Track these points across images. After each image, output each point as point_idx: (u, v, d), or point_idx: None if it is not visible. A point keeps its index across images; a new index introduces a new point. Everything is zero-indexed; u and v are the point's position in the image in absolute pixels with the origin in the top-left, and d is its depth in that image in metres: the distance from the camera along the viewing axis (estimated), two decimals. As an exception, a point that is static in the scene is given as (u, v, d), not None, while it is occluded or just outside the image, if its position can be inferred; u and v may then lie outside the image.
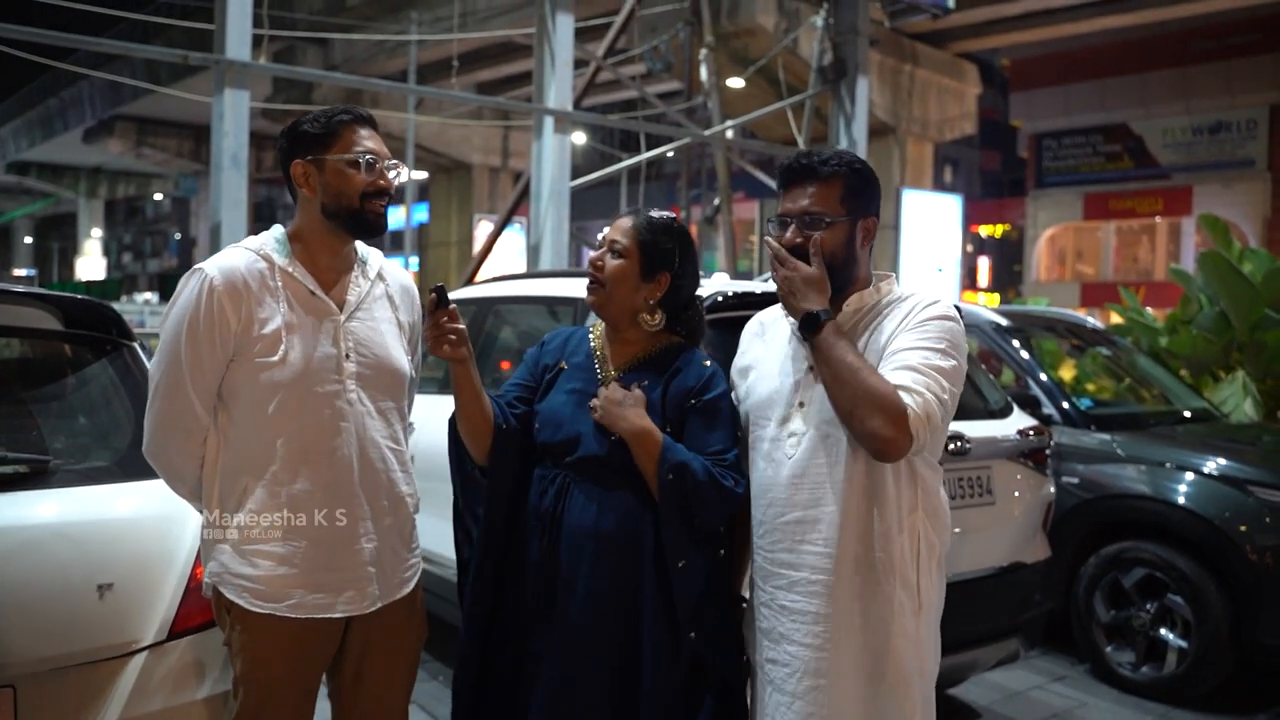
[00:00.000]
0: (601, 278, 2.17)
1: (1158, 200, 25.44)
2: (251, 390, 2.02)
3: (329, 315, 2.09)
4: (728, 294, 3.42)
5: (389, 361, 2.16)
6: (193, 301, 2.00)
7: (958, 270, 18.29)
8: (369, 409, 2.11)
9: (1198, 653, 4.22)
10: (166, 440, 2.07)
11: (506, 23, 16.84)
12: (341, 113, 2.09)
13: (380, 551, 2.12)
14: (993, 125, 32.58)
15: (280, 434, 2.02)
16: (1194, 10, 19.36)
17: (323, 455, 2.04)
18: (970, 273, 29.49)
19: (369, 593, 2.09)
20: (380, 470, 2.12)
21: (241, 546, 2.03)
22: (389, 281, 2.24)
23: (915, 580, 1.96)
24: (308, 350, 2.04)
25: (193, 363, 2.00)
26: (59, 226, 57.28)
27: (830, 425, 1.94)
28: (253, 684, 2.04)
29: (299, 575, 2.03)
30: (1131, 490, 4.57)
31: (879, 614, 1.94)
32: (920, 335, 1.89)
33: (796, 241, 1.96)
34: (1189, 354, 7.49)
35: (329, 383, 2.05)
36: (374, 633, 2.14)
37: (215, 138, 8.17)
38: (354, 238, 2.13)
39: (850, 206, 1.97)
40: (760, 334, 2.18)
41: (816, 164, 1.97)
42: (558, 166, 10.01)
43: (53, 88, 32.66)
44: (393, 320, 2.21)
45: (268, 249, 2.08)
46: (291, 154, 2.08)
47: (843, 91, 12.71)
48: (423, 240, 27.39)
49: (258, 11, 8.81)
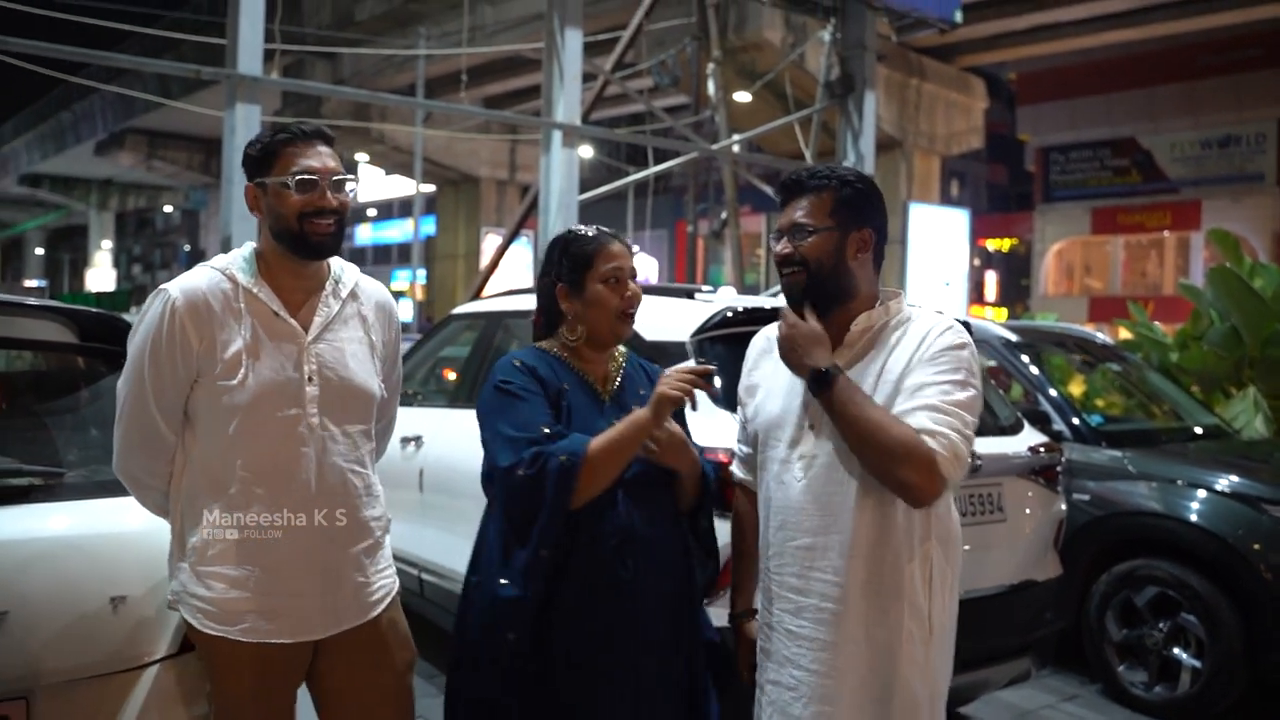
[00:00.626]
0: (635, 310, 2.18)
1: (1166, 214, 25.43)
2: (212, 412, 2.02)
3: (292, 338, 2.05)
4: (737, 310, 3.42)
5: (356, 384, 2.11)
6: (156, 321, 1.99)
7: (965, 285, 18.24)
8: (332, 433, 2.07)
9: (1211, 672, 4.19)
10: (132, 457, 2.08)
11: (514, 37, 16.94)
12: (281, 131, 2.05)
13: (340, 576, 2.08)
14: (1000, 139, 32.60)
15: (239, 456, 2.01)
16: (1201, 25, 19.43)
17: (280, 479, 2.02)
18: (977, 287, 29.50)
19: (318, 621, 2.06)
20: (339, 495, 2.08)
21: (197, 567, 2.02)
22: (362, 300, 2.19)
23: (926, 608, 1.95)
24: (268, 373, 2.01)
25: (155, 382, 2.00)
26: (70, 238, 57.64)
27: (841, 455, 1.92)
28: (222, 703, 2.07)
29: (251, 598, 2.00)
30: (1143, 507, 4.54)
31: (887, 641, 1.92)
32: (936, 369, 1.88)
33: (785, 252, 1.98)
34: (1200, 370, 7.46)
35: (290, 406, 2.02)
36: (351, 653, 2.12)
37: (226, 152, 8.21)
38: (301, 258, 2.06)
39: (841, 218, 1.97)
40: (768, 350, 2.15)
41: (805, 178, 2.01)
42: (566, 180, 10.03)
43: (65, 101, 32.93)
44: (364, 340, 2.16)
45: (233, 269, 2.06)
46: (248, 179, 2.08)
47: (850, 106, 12.72)
48: (430, 253, 27.50)
49: (268, 26, 8.86)
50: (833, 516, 1.93)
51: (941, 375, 1.87)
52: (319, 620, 2.06)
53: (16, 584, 2.11)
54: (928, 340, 1.92)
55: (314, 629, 2.06)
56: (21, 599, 2.10)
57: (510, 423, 2.06)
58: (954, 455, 1.82)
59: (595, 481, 2.00)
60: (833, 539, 1.93)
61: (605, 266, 2.13)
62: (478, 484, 4.01)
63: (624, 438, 2.01)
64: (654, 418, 2.01)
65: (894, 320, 1.99)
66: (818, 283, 1.97)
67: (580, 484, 1.98)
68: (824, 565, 1.93)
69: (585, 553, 2.05)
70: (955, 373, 1.88)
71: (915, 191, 19.31)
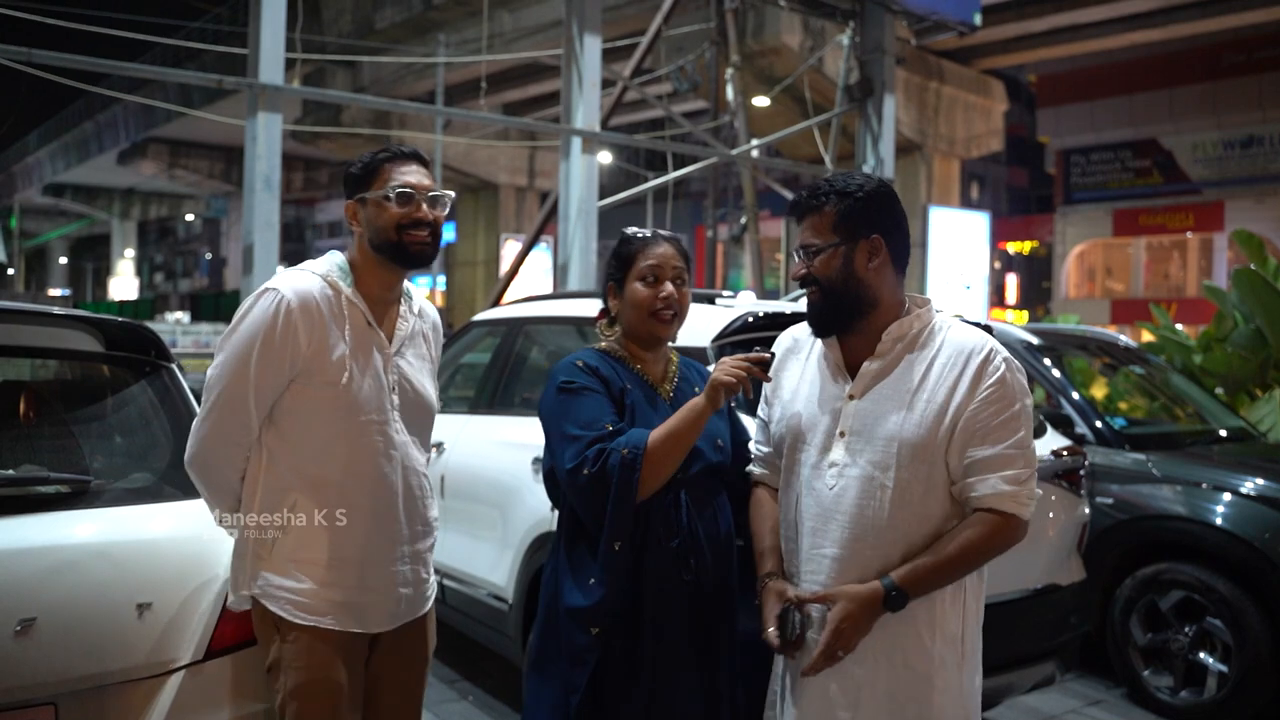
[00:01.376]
0: (679, 309, 2.23)
1: (1188, 216, 25.24)
2: (310, 412, 2.10)
3: (381, 347, 2.18)
4: (758, 314, 3.42)
5: (425, 397, 2.27)
6: (267, 319, 2.06)
7: (985, 287, 18.19)
8: (408, 440, 2.21)
9: (1238, 677, 4.14)
10: (216, 451, 2.12)
11: (533, 44, 17.01)
12: (382, 151, 2.21)
13: (414, 573, 2.23)
14: (1020, 141, 32.46)
15: (335, 456, 2.11)
16: (1223, 24, 19.27)
17: (372, 480, 2.14)
18: (998, 290, 29.35)
19: (399, 612, 2.20)
20: (418, 497, 2.23)
21: (288, 561, 2.10)
22: (425, 319, 2.35)
23: (959, 633, 1.95)
24: (365, 379, 2.13)
25: (260, 377, 2.06)
26: (93, 247, 58.25)
27: (875, 468, 1.92)
28: (306, 697, 2.07)
29: (341, 591, 2.10)
30: (1168, 511, 4.50)
31: (921, 668, 1.91)
32: (992, 413, 1.90)
33: (801, 273, 2.02)
34: (1224, 372, 7.39)
35: (381, 411, 2.15)
36: (393, 647, 2.23)
37: (248, 160, 8.28)
38: (400, 268, 2.21)
39: (844, 231, 1.97)
40: (795, 350, 2.16)
41: (805, 199, 2.03)
42: (585, 186, 10.05)
43: (88, 112, 33.28)
44: (427, 356, 2.33)
45: (334, 276, 2.16)
46: (347, 196, 2.22)
47: (869, 110, 12.70)
48: (449, 259, 27.59)
49: (289, 36, 8.92)
50: (864, 529, 1.92)
51: (1000, 417, 1.90)
52: (391, 613, 2.19)
53: (45, 591, 2.14)
54: (969, 370, 1.92)
55: (387, 620, 2.18)
56: (49, 606, 2.12)
57: (574, 421, 2.12)
58: (1029, 498, 1.90)
59: (658, 472, 2.06)
60: (863, 553, 1.92)
61: (643, 265, 2.23)
62: (498, 490, 4.05)
63: (683, 426, 2.07)
64: (710, 404, 2.05)
65: (925, 328, 1.99)
66: (832, 298, 1.99)
67: (644, 475, 2.04)
68: (853, 578, 1.92)
69: (653, 552, 2.11)
70: (1011, 406, 1.91)
71: (935, 195, 19.23)
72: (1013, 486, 1.88)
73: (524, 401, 4.42)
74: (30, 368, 3.13)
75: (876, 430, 1.93)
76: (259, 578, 2.11)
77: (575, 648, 2.09)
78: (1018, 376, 1.94)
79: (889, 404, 1.94)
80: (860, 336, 2.00)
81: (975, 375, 1.91)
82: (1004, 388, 1.91)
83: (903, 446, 1.90)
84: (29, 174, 42.48)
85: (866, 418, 1.95)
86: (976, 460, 1.89)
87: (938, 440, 1.90)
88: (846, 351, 2.03)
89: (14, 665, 2.06)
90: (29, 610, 2.09)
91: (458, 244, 27.20)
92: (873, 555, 1.91)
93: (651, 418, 2.16)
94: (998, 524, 1.89)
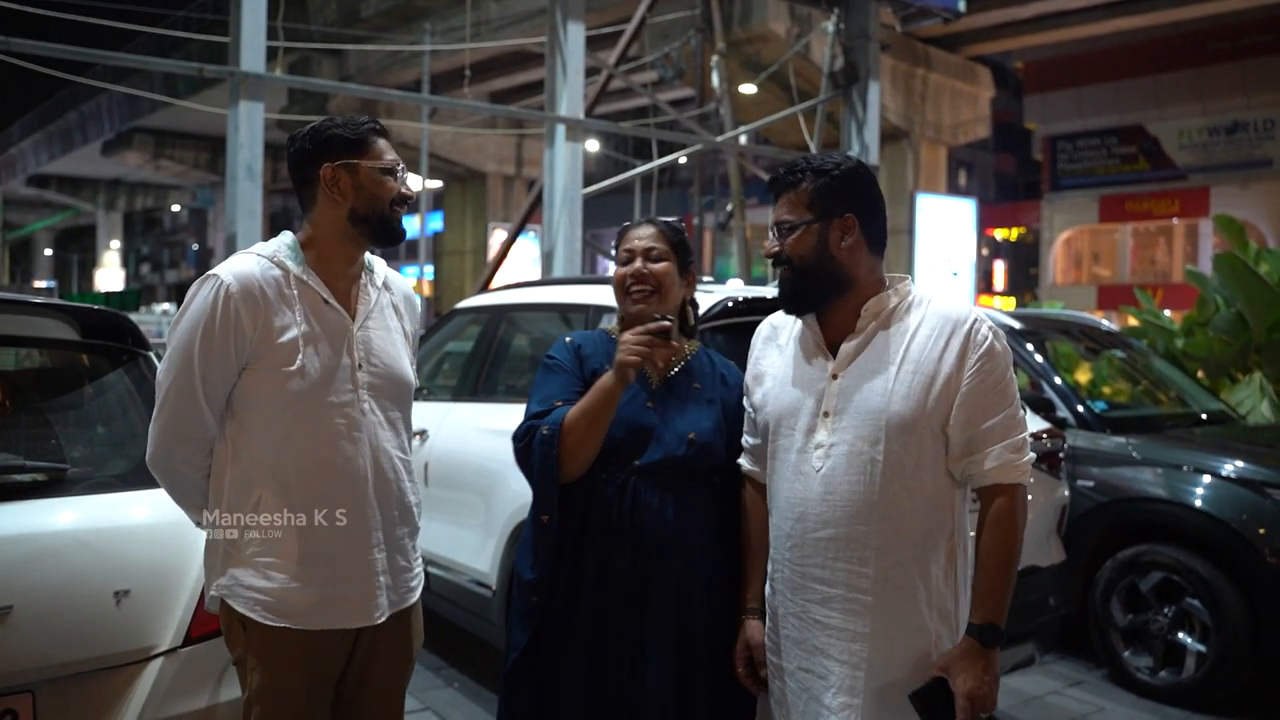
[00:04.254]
0: (653, 283, 2.23)
1: (1174, 202, 25.30)
2: (266, 400, 1.99)
3: (340, 325, 2.06)
4: (738, 299, 3.43)
5: (398, 371, 2.15)
6: (207, 308, 1.95)
7: (973, 274, 18.22)
8: (380, 419, 2.09)
9: (1216, 657, 4.18)
10: (173, 450, 2.01)
11: (519, 32, 16.93)
12: (368, 122, 2.10)
13: (391, 561, 2.10)
14: (1007, 128, 32.48)
15: (295, 444, 1.99)
16: (1208, 10, 19.29)
17: (338, 466, 2.02)
18: (985, 276, 29.40)
19: (379, 603, 2.07)
20: (392, 480, 2.10)
21: (255, 559, 1.99)
22: (393, 290, 2.23)
23: (954, 610, 1.95)
24: (323, 360, 2.02)
25: (205, 370, 1.96)
26: (78, 238, 57.88)
27: (864, 443, 1.92)
28: (271, 699, 2.00)
29: (313, 588, 1.99)
30: (1148, 493, 4.54)
31: (919, 645, 1.92)
32: (990, 383, 1.92)
33: (774, 250, 2.01)
34: (1206, 356, 7.44)
35: (343, 393, 2.03)
36: (380, 641, 2.12)
37: (231, 149, 8.24)
38: (376, 244, 2.12)
39: (819, 209, 1.97)
40: (773, 338, 2.16)
41: (782, 175, 2.03)
42: (570, 174, 10.03)
43: (72, 102, 33.04)
44: (399, 329, 2.20)
45: (281, 255, 2.05)
46: (319, 157, 2.05)
47: (854, 96, 12.70)
48: (437, 249, 27.52)
49: (272, 24, 8.88)
50: (856, 507, 1.92)
51: (993, 388, 1.92)
52: (372, 605, 2.06)
53: (21, 578, 2.14)
54: (956, 337, 1.93)
55: (368, 614, 2.06)
56: (26, 593, 2.12)
57: (538, 397, 2.21)
58: (1028, 464, 1.95)
59: (575, 450, 2.11)
60: (857, 529, 1.92)
61: (623, 248, 2.29)
62: (482, 478, 4.05)
63: (592, 404, 2.10)
64: (617, 382, 2.08)
65: (905, 302, 1.99)
66: (804, 277, 1.99)
67: (561, 453, 2.10)
68: (849, 556, 1.92)
69: (590, 535, 2.14)
70: (1002, 378, 1.93)
71: (922, 182, 19.23)
72: (1014, 454, 1.92)
73: (507, 389, 4.42)
74: (10, 357, 3.12)
75: (862, 405, 1.93)
76: (227, 575, 2.01)
77: (520, 613, 2.19)
78: (1004, 343, 1.96)
79: (873, 378, 1.94)
80: (839, 315, 2.00)
81: (963, 345, 1.92)
82: (993, 358, 1.92)
83: (891, 419, 1.90)
84: (13, 165, 42.17)
85: (850, 394, 1.95)
86: (980, 432, 1.91)
87: (926, 411, 1.90)
88: (828, 331, 2.03)
89: (-9, 653, 2.06)
90: (5, 598, 2.09)
91: (445, 233, 27.13)
92: (869, 532, 1.91)
93: (634, 403, 2.17)
94: (1006, 505, 1.92)
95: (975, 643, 1.88)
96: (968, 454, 1.92)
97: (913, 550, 1.91)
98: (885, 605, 1.90)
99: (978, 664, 1.87)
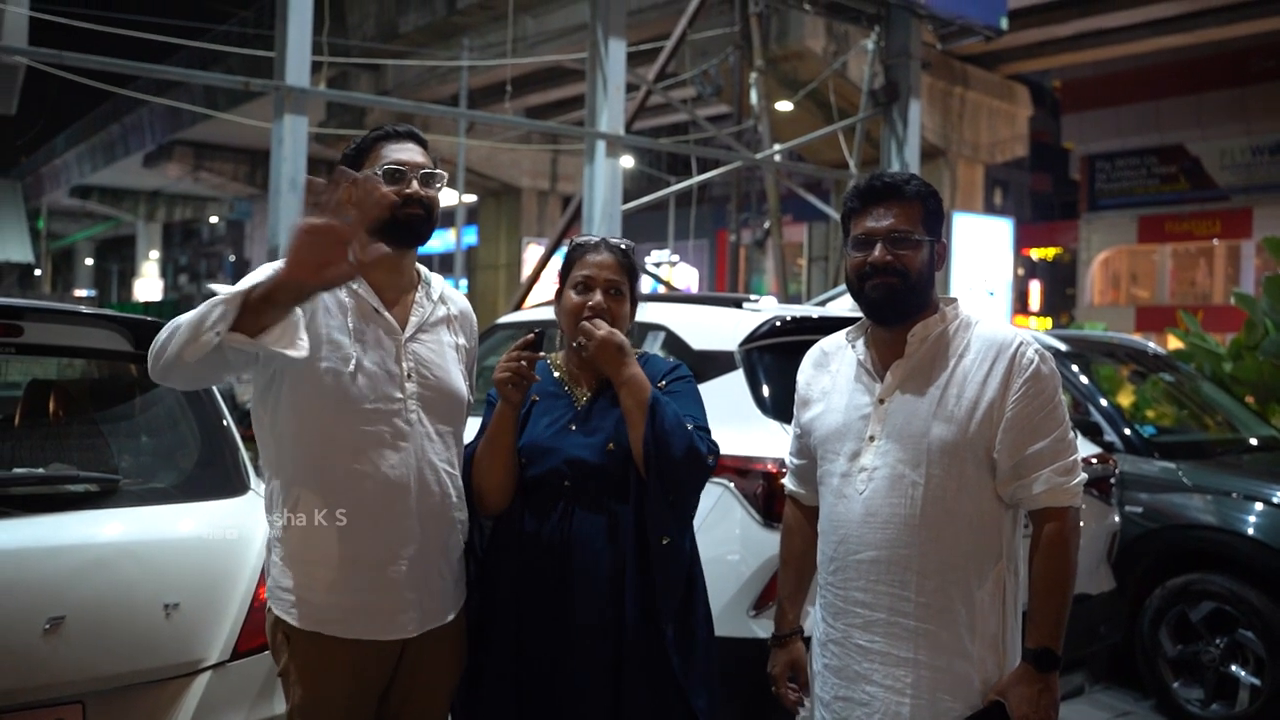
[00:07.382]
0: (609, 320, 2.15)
1: (1215, 222, 24.98)
2: (314, 402, 1.98)
3: (391, 333, 2.07)
4: (785, 319, 3.39)
5: (450, 385, 2.13)
6: None
7: (1009, 294, 18.05)
8: (428, 431, 2.08)
9: (1271, 690, 4.08)
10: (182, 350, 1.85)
11: (556, 48, 17.02)
12: (375, 130, 2.13)
13: (427, 576, 2.07)
14: (1044, 147, 32.21)
15: (338, 449, 1.99)
16: (1252, 29, 19.06)
17: (379, 474, 2.00)
18: (1021, 296, 29.11)
19: (407, 617, 2.04)
20: (436, 494, 2.08)
21: (291, 560, 2.00)
22: (450, 306, 2.23)
23: (1000, 634, 1.92)
24: (373, 365, 2.03)
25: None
26: (118, 249, 58.80)
27: (905, 466, 1.91)
28: (311, 712, 1.98)
29: (344, 594, 1.99)
30: (1198, 520, 4.45)
31: (963, 671, 1.89)
32: (1036, 406, 1.90)
33: (887, 259, 1.92)
34: (1255, 380, 7.30)
35: (391, 400, 2.03)
36: (424, 656, 2.09)
37: (274, 162, 8.32)
38: (398, 245, 2.08)
39: (928, 227, 1.97)
40: (823, 364, 2.14)
41: (901, 183, 1.97)
42: (609, 190, 10.04)
43: (115, 114, 33.57)
44: (454, 344, 2.19)
45: None
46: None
47: (894, 115, 12.63)
48: (471, 263, 27.65)
49: (315, 39, 8.96)
50: (898, 530, 1.90)
51: (1042, 413, 1.90)
52: (413, 618, 2.04)
53: (74, 589, 2.15)
54: (1001, 362, 1.91)
55: (408, 626, 2.04)
56: (79, 604, 2.13)
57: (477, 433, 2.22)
58: (1079, 486, 1.92)
59: (484, 474, 2.14)
60: (899, 553, 1.90)
61: (578, 273, 2.20)
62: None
63: (490, 430, 2.14)
64: (504, 403, 2.10)
65: (952, 326, 1.98)
66: (912, 293, 1.95)
67: (474, 476, 2.15)
68: (891, 579, 1.90)
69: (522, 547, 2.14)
70: (1050, 401, 1.91)
71: (959, 201, 19.10)
72: (1063, 477, 1.89)
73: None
74: (58, 367, 3.15)
75: (906, 429, 1.92)
76: (270, 578, 2.02)
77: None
78: (1052, 366, 1.93)
79: (918, 403, 1.92)
80: (896, 337, 1.98)
81: (1007, 369, 1.90)
82: (1040, 381, 1.90)
83: (934, 443, 1.89)
84: (56, 176, 42.91)
85: (895, 418, 1.94)
86: (1028, 456, 1.88)
87: (969, 436, 1.88)
88: (881, 353, 2.01)
89: (43, 663, 2.07)
90: (59, 609, 2.10)
91: (480, 248, 27.27)
92: (910, 555, 1.89)
93: (538, 422, 2.18)
94: (1057, 530, 1.90)
95: (1030, 668, 1.87)
96: (1016, 478, 1.90)
97: (955, 574, 1.89)
98: (928, 630, 1.88)
99: (1034, 688, 1.85)
